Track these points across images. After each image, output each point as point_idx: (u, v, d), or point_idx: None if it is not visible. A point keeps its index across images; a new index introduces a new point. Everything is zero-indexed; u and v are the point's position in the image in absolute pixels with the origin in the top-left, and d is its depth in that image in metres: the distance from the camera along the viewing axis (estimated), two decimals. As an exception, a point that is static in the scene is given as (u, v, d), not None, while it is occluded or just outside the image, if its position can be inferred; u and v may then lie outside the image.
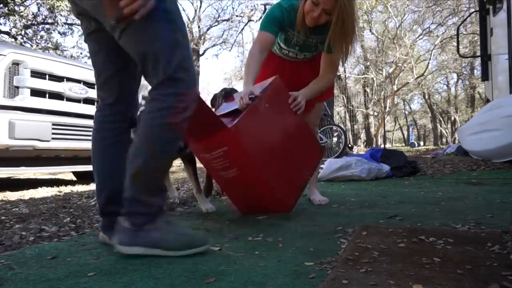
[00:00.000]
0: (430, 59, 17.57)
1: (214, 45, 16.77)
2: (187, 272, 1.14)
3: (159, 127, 1.30)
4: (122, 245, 1.28)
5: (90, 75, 3.88)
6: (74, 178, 5.65)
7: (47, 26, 12.41)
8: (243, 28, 16.17)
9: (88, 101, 4.13)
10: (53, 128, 3.56)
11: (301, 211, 2.13)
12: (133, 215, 1.29)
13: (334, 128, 7.29)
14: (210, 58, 38.39)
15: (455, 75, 24.04)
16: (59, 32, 12.91)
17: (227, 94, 2.25)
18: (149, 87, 1.35)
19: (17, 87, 3.46)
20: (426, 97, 25.43)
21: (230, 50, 16.99)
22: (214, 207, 2.22)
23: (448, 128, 28.31)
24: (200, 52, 16.24)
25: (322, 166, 3.65)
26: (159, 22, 1.27)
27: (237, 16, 15.65)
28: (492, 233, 1.39)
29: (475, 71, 20.49)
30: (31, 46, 11.72)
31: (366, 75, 19.20)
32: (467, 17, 12.07)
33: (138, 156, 1.31)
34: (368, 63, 18.85)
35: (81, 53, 13.42)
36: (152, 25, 1.26)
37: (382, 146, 16.23)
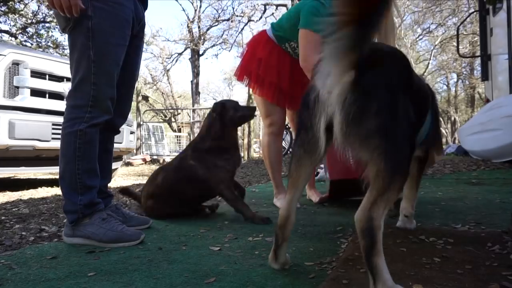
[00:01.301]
0: (430, 59, 17.58)
1: (214, 45, 16.76)
2: (187, 272, 1.14)
3: (68, 136, 1.48)
4: (66, 236, 1.54)
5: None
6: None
7: (47, 24, 12.40)
8: (243, 28, 16.14)
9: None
10: (53, 128, 3.55)
11: (301, 211, 2.13)
12: (67, 213, 1.52)
13: None
14: (210, 58, 38.12)
15: (455, 75, 23.99)
16: (59, 30, 12.88)
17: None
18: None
19: (17, 87, 3.45)
20: (426, 97, 25.36)
21: (230, 50, 16.98)
22: None
23: (448, 128, 28.23)
24: (200, 52, 16.23)
25: (321, 166, 3.65)
26: (79, 36, 1.46)
27: (237, 16, 15.64)
28: (492, 233, 1.39)
29: (475, 71, 20.45)
30: (31, 44, 11.69)
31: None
32: (467, 17, 12.07)
33: (60, 161, 1.51)
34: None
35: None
36: (73, 38, 1.49)
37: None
